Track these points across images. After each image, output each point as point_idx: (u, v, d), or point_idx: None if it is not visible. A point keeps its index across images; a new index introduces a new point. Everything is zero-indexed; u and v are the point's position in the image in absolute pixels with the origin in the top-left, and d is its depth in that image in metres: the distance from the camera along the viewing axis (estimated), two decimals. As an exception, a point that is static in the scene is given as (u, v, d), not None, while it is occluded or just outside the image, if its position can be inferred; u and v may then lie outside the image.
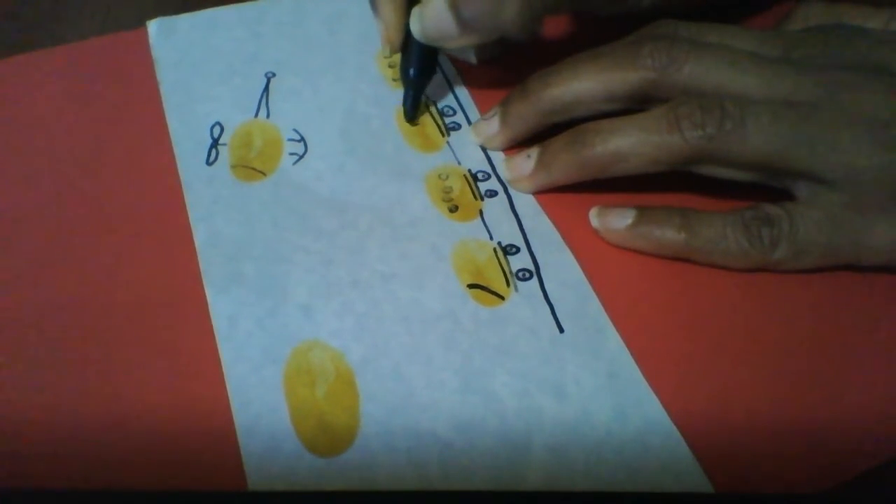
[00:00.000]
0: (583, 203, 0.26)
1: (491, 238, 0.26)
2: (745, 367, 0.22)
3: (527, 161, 0.26)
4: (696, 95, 0.24)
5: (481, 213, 0.26)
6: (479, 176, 0.27)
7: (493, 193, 0.27)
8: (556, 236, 0.26)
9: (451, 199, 0.27)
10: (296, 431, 0.21)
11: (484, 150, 0.28)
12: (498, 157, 0.28)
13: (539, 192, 0.27)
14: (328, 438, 0.21)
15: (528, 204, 0.27)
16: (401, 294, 0.24)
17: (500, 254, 0.25)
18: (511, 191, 0.27)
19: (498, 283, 0.24)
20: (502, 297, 0.24)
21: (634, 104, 0.25)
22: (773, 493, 0.20)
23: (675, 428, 0.21)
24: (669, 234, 0.24)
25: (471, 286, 0.24)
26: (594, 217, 0.26)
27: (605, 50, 0.26)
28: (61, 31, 0.32)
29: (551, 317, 0.23)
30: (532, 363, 0.22)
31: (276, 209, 0.26)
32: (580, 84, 0.25)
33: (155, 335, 0.23)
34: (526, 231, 0.26)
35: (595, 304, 0.24)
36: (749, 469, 0.20)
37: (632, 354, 0.23)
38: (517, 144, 0.28)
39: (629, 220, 0.25)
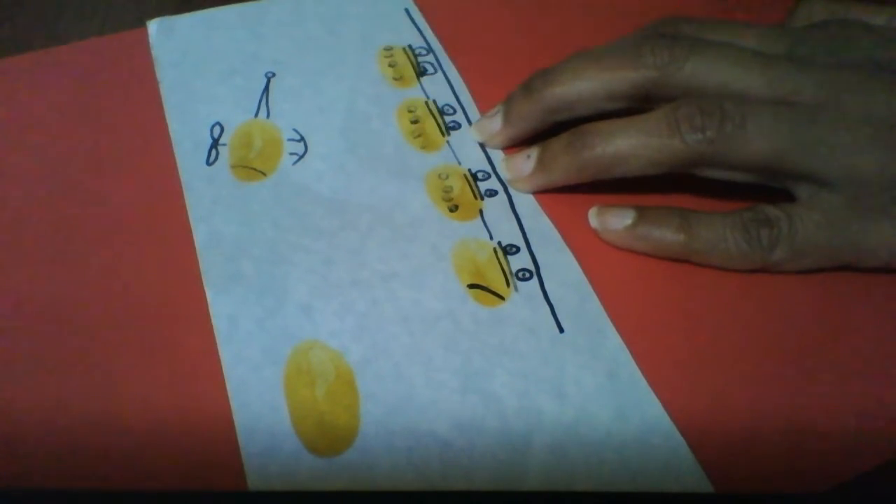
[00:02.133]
0: (583, 203, 0.26)
1: (491, 238, 0.25)
2: (745, 367, 0.22)
3: (526, 161, 0.26)
4: (697, 96, 0.24)
5: (481, 212, 0.26)
6: (479, 175, 0.27)
7: (493, 193, 0.27)
8: (556, 236, 0.26)
9: (451, 199, 0.27)
10: (296, 431, 0.21)
11: (484, 149, 0.28)
12: (498, 157, 0.28)
13: (538, 192, 0.27)
14: (328, 438, 0.21)
15: (528, 204, 0.27)
16: (401, 294, 0.24)
17: (500, 254, 0.25)
18: (511, 190, 0.27)
19: (498, 283, 0.24)
20: (502, 297, 0.24)
21: (637, 103, 0.25)
22: (773, 494, 0.20)
23: (675, 428, 0.21)
24: (668, 236, 0.24)
25: (471, 286, 0.24)
26: (593, 217, 0.25)
27: (607, 48, 0.26)
28: (61, 32, 0.32)
29: (551, 317, 0.23)
30: (532, 363, 0.22)
31: (276, 209, 0.26)
32: (582, 83, 0.25)
33: (155, 335, 0.23)
34: (526, 231, 0.26)
35: (595, 304, 0.24)
36: (749, 469, 0.20)
37: (632, 354, 0.23)
38: (519, 143, 0.28)
39: (628, 221, 0.25)
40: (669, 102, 0.24)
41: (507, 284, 0.24)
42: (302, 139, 0.28)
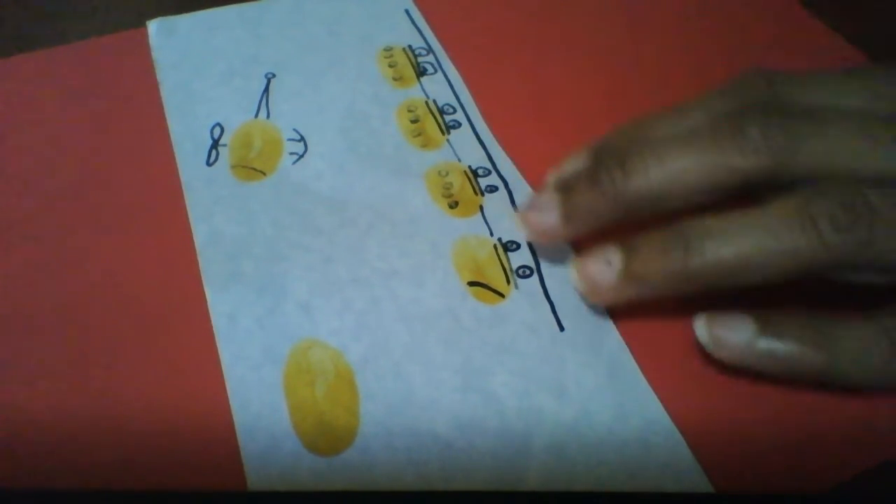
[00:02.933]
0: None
1: (491, 234, 0.25)
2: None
3: (607, 269, 0.21)
4: (827, 182, 0.19)
5: (481, 208, 0.26)
6: (480, 172, 0.27)
7: (493, 189, 0.27)
8: (556, 234, 0.25)
9: (451, 195, 0.27)
10: (295, 431, 0.21)
11: (484, 147, 0.28)
12: (500, 155, 0.28)
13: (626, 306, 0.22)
14: (328, 438, 0.21)
15: (528, 202, 0.26)
16: (401, 292, 0.24)
17: (501, 250, 0.25)
18: (511, 186, 0.27)
19: (498, 281, 0.24)
20: (502, 295, 0.24)
21: (742, 193, 0.21)
22: (773, 493, 0.20)
23: (675, 427, 0.21)
24: (805, 355, 0.19)
25: (471, 283, 0.24)
26: (701, 329, 0.20)
27: (696, 125, 0.21)
28: (61, 31, 0.32)
29: (552, 315, 0.23)
30: (532, 362, 0.22)
31: (275, 208, 0.26)
32: (673, 174, 0.20)
33: (155, 335, 0.23)
34: (526, 229, 0.26)
35: (596, 302, 0.24)
36: (749, 469, 0.20)
37: (632, 353, 0.23)
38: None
39: (748, 334, 0.20)
40: (785, 191, 0.20)
41: (508, 282, 0.24)
42: (302, 139, 0.28)
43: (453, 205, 0.26)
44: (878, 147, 0.19)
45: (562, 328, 0.23)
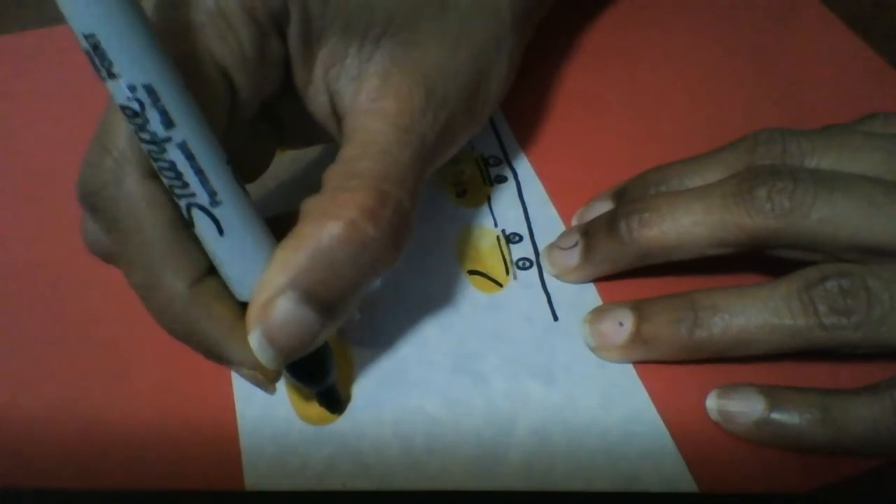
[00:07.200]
0: (592, 194, 0.26)
1: (496, 225, 0.26)
2: (736, 366, 0.22)
3: (618, 330, 0.22)
4: (827, 264, 0.21)
5: (489, 198, 0.27)
6: (491, 161, 0.28)
7: (502, 179, 0.27)
8: (560, 228, 0.26)
9: (460, 182, 0.27)
10: (289, 398, 0.22)
11: (497, 135, 0.29)
12: (512, 144, 0.28)
13: (635, 362, 0.23)
14: (320, 407, 0.22)
15: (536, 192, 0.27)
16: (401, 276, 0.24)
17: (503, 242, 0.26)
18: (521, 178, 0.27)
19: (498, 271, 0.25)
20: (501, 285, 0.24)
21: (748, 250, 0.22)
22: (755, 494, 0.20)
23: (659, 418, 0.21)
24: (813, 432, 0.20)
25: (471, 272, 0.25)
26: (712, 406, 0.21)
27: (710, 180, 0.23)
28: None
29: (547, 305, 0.24)
30: (524, 349, 0.23)
31: (284, 187, 0.27)
32: (684, 228, 0.22)
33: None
34: (531, 220, 0.26)
35: (592, 294, 0.24)
36: (734, 468, 0.21)
37: (623, 345, 0.23)
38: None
39: (758, 410, 0.21)
40: (789, 251, 0.21)
41: (507, 272, 0.25)
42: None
43: (461, 193, 0.27)
44: (880, 217, 0.20)
45: (556, 318, 0.24)
